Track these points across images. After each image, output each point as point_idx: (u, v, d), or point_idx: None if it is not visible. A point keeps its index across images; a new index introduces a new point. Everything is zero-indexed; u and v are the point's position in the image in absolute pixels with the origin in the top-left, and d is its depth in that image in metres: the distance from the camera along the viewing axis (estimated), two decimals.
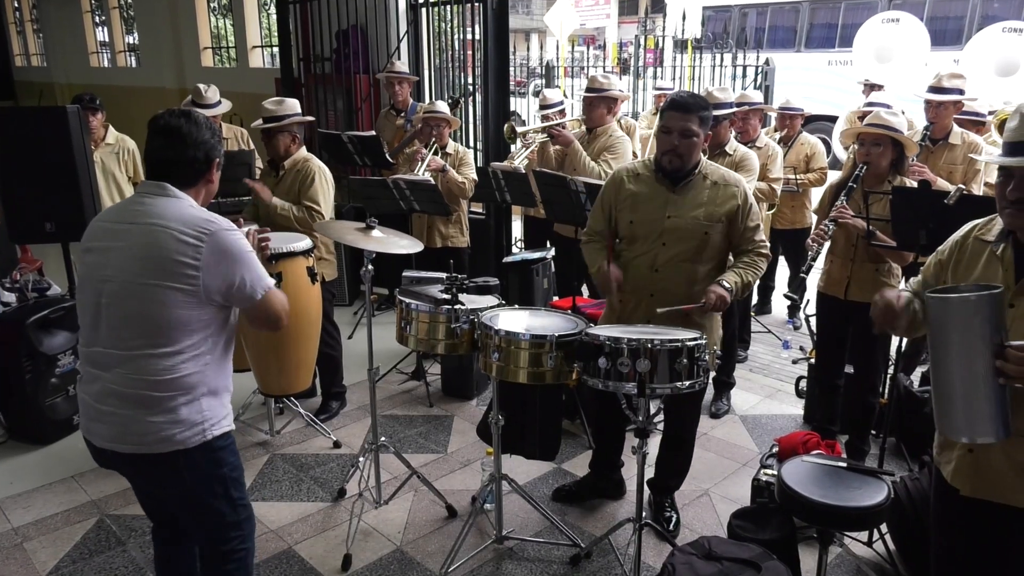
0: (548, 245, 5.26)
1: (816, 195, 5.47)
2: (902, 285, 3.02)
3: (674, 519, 3.32)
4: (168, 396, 2.08)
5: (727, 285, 2.84)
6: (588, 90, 4.64)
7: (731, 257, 3.08)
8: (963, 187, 3.03)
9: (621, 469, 3.60)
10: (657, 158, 3.00)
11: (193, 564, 2.46)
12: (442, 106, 5.01)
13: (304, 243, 3.51)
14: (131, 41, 12.45)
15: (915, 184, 3.43)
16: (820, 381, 3.89)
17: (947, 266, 2.08)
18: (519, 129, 4.98)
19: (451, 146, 4.96)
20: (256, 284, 2.15)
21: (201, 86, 5.48)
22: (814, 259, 3.57)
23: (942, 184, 3.92)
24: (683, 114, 2.86)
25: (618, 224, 3.07)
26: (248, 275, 2.13)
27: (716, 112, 4.08)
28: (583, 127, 4.84)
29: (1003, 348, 1.70)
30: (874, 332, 2.98)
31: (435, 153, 4.83)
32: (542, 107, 5.42)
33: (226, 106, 5.61)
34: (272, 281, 2.23)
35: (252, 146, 5.77)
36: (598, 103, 4.59)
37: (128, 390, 2.08)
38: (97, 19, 13.09)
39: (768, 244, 3.06)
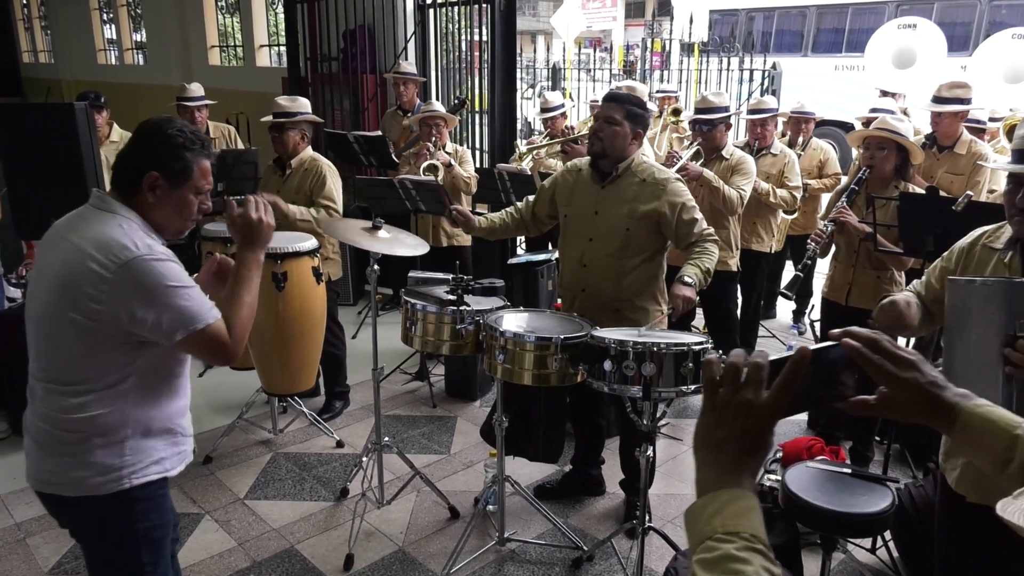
0: (550, 247, 5.26)
1: (825, 201, 5.48)
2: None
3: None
4: (79, 437, 1.84)
5: (689, 280, 2.85)
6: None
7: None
8: (971, 194, 3.02)
9: (602, 467, 3.63)
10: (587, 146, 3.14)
11: None
12: (438, 106, 5.01)
13: (310, 243, 3.52)
14: (138, 39, 12.49)
15: (921, 190, 3.43)
16: None
17: (953, 272, 2.08)
18: (522, 149, 4.96)
19: (450, 146, 4.96)
20: (176, 325, 1.81)
21: (185, 84, 5.72)
22: (810, 258, 3.57)
23: (942, 194, 3.92)
24: (611, 103, 3.05)
25: (557, 216, 3.22)
26: (166, 315, 1.79)
27: (711, 116, 4.09)
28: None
29: (1015, 338, 1.72)
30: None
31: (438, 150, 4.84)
32: (543, 110, 5.43)
33: (208, 102, 5.74)
34: (211, 316, 1.87)
35: (241, 144, 5.81)
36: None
37: (41, 424, 1.87)
38: (105, 16, 13.13)
39: (712, 229, 3.09)
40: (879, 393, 1.03)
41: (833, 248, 3.60)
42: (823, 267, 3.68)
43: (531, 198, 3.38)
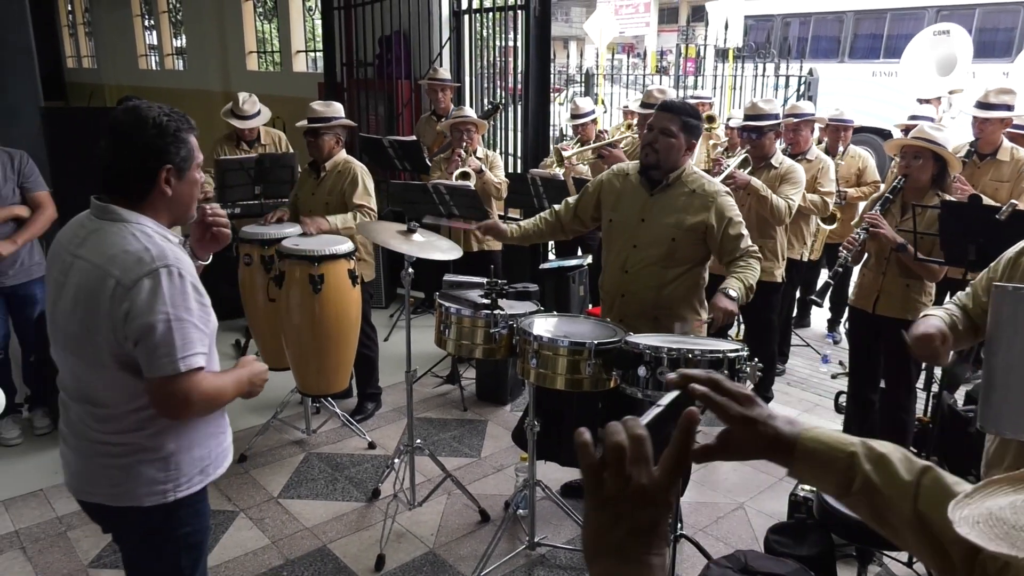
0: (579, 252, 5.25)
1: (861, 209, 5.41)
2: (933, 307, 2.97)
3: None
4: (122, 451, 1.80)
5: (733, 294, 2.81)
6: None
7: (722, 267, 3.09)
8: (1015, 202, 2.96)
9: None
10: (639, 157, 3.09)
11: None
12: (470, 111, 5.04)
13: (346, 246, 3.56)
14: (179, 45, 12.74)
15: (962, 199, 3.37)
16: (854, 396, 3.83)
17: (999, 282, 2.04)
18: (565, 153, 4.94)
19: (480, 151, 4.99)
20: (158, 352, 1.69)
21: (242, 95, 5.24)
22: (842, 265, 3.52)
23: (987, 202, 3.84)
24: (666, 114, 2.98)
25: (601, 220, 3.20)
26: (152, 334, 1.68)
27: (760, 124, 4.04)
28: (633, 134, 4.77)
29: None
30: (908, 354, 2.92)
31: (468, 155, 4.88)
32: (573, 116, 5.42)
33: (265, 116, 5.44)
34: (197, 365, 1.74)
35: (291, 149, 5.84)
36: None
37: (78, 440, 1.84)
38: (146, 23, 13.42)
39: (756, 247, 3.06)
40: (719, 436, 0.99)
41: (864, 255, 3.55)
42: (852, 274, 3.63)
43: (571, 200, 3.36)
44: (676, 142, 2.97)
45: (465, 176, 4.77)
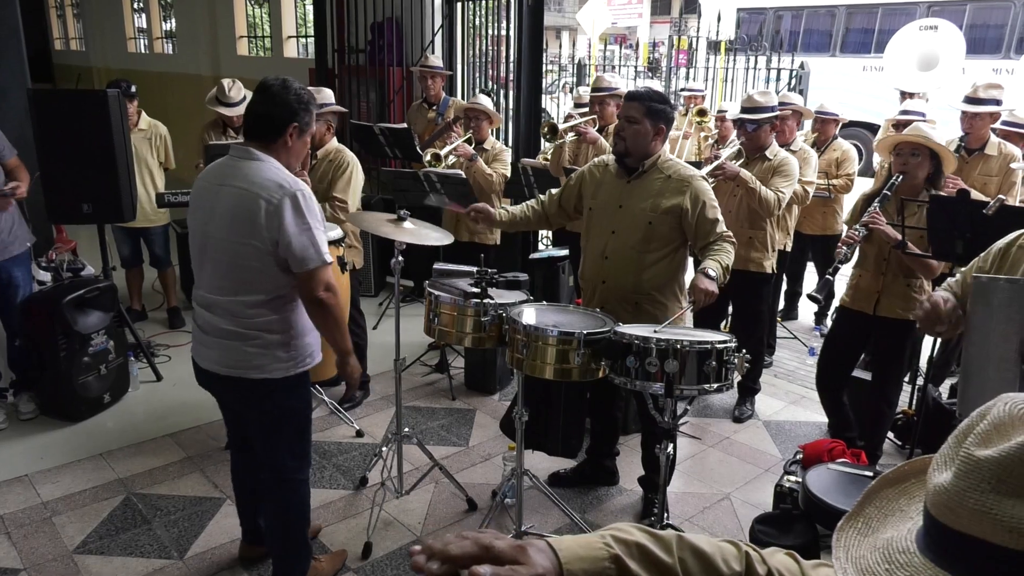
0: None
1: (847, 201, 5.42)
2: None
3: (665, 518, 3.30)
4: (261, 334, 2.42)
5: (712, 274, 2.84)
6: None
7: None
8: (1003, 197, 2.98)
9: (616, 459, 3.66)
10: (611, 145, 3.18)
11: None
12: (484, 100, 4.99)
13: (335, 232, 3.55)
14: (168, 28, 12.60)
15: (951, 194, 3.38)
16: (824, 386, 3.77)
17: (988, 273, 2.06)
18: (562, 125, 4.87)
19: (488, 141, 4.95)
20: (306, 254, 2.33)
21: (226, 82, 5.07)
22: (842, 262, 3.51)
23: (976, 196, 3.86)
24: (630, 102, 3.08)
25: (582, 209, 3.26)
26: (301, 241, 2.31)
27: (756, 116, 4.04)
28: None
29: None
30: (903, 343, 2.94)
31: (469, 144, 4.84)
32: (577, 105, 5.41)
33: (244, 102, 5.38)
34: (331, 258, 2.41)
35: None
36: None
37: (227, 326, 2.43)
38: (136, 5, 13.27)
39: (731, 232, 3.10)
40: None
41: (856, 255, 3.53)
42: (845, 269, 3.62)
43: (554, 191, 3.40)
44: (641, 127, 3.03)
45: (436, 158, 4.71)
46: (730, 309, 4.48)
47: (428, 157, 4.78)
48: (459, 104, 5.17)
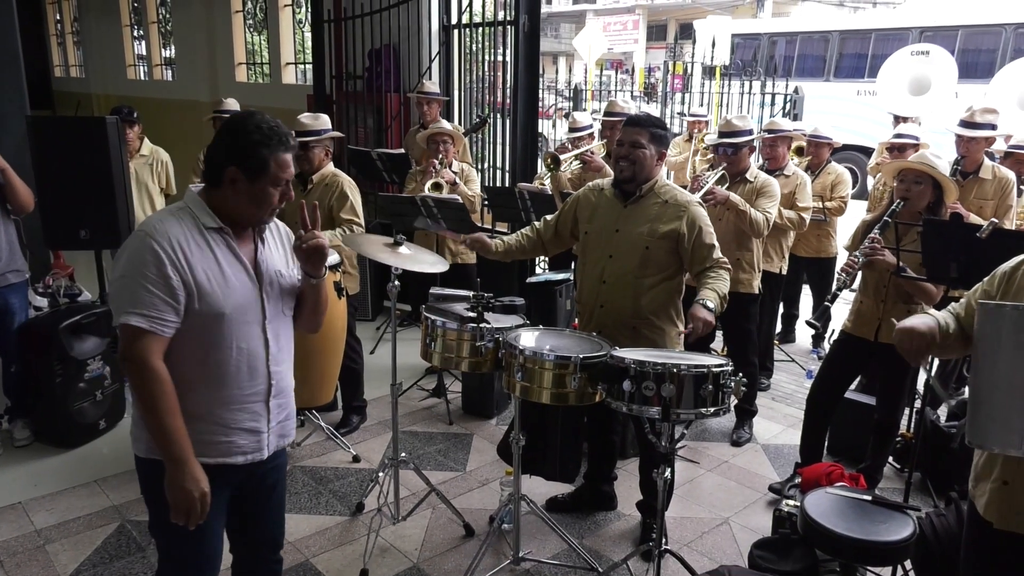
0: (572, 267, 5.27)
1: (841, 224, 5.44)
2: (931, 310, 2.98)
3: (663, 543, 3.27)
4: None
5: (711, 305, 2.87)
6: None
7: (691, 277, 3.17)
8: (996, 220, 2.99)
9: (615, 483, 3.64)
10: (614, 170, 3.18)
11: None
12: (446, 124, 5.07)
13: (332, 258, 3.55)
14: (167, 55, 12.71)
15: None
16: (817, 403, 3.71)
17: (994, 297, 2.06)
18: (563, 156, 4.93)
19: (456, 164, 5.01)
20: (117, 307, 1.91)
21: (228, 100, 5.40)
22: (840, 289, 3.51)
23: (973, 219, 3.87)
24: (634, 128, 3.10)
25: (578, 234, 3.28)
26: (112, 289, 1.94)
27: (734, 140, 4.10)
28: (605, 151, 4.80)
29: None
30: (905, 367, 2.92)
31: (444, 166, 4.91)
32: (571, 130, 5.45)
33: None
34: (132, 318, 1.88)
35: None
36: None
37: None
38: (135, 33, 13.39)
39: (727, 258, 3.14)
40: None
41: (858, 280, 3.53)
42: (844, 294, 3.62)
43: (550, 217, 3.41)
44: (647, 153, 3.07)
45: (437, 187, 4.79)
46: (722, 335, 4.50)
47: (427, 188, 4.81)
48: (421, 136, 5.20)
